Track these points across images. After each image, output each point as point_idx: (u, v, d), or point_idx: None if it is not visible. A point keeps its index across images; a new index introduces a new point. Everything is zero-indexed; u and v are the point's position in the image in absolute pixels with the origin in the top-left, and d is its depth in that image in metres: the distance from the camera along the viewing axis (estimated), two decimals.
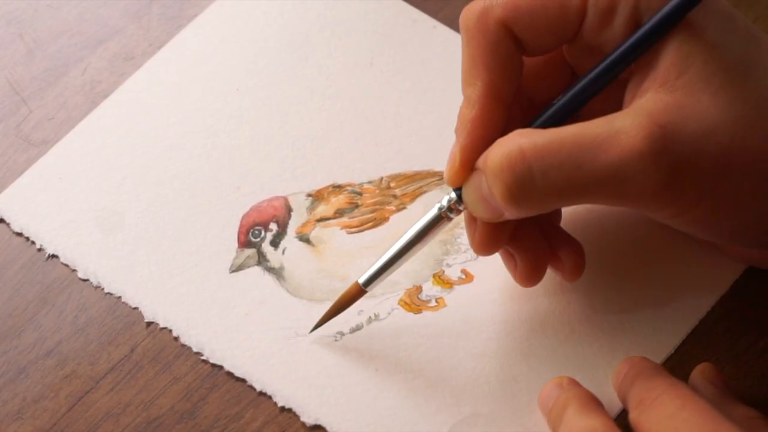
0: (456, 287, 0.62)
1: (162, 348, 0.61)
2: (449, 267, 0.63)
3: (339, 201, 0.65)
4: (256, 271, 0.63)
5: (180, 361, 0.61)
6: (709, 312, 0.61)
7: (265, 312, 0.62)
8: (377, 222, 0.64)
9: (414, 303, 0.62)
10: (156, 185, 0.66)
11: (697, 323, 0.60)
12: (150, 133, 0.67)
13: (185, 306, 0.62)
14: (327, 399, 0.59)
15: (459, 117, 0.57)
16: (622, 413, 0.58)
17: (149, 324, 0.62)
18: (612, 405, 0.58)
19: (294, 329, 0.61)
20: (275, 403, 0.59)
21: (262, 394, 0.60)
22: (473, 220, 0.58)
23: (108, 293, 0.63)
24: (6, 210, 0.65)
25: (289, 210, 0.65)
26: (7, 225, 0.65)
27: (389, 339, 0.61)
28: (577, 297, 0.61)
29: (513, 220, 0.57)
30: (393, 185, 0.65)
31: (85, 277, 0.63)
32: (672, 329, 0.60)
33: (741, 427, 0.52)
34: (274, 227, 0.64)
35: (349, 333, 0.61)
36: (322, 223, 0.64)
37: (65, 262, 0.64)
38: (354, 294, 0.60)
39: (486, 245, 0.58)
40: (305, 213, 0.65)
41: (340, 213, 0.65)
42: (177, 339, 0.61)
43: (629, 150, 0.53)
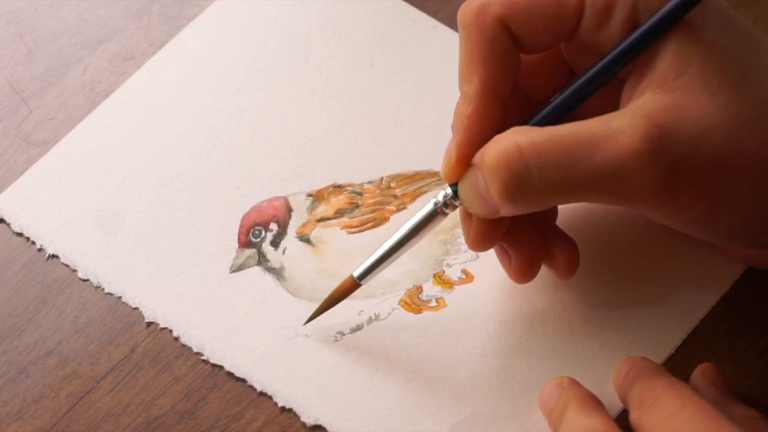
0: (456, 287, 0.62)
1: (162, 348, 0.61)
2: (449, 267, 0.63)
3: (339, 201, 0.65)
4: (256, 271, 0.63)
5: (180, 361, 0.61)
6: (709, 312, 0.61)
7: (266, 312, 0.62)
8: (377, 222, 0.64)
9: (414, 303, 0.62)
10: (156, 185, 0.66)
11: (698, 323, 0.60)
12: (150, 133, 0.67)
13: (185, 306, 0.62)
14: (327, 399, 0.59)
15: (455, 113, 0.57)
16: (622, 413, 0.58)
17: (149, 324, 0.62)
18: (612, 405, 0.58)
19: (294, 329, 0.61)
20: (275, 403, 0.59)
21: (262, 394, 0.60)
22: (469, 215, 0.58)
23: (108, 293, 0.63)
24: (6, 210, 0.65)
25: (290, 210, 0.65)
26: (8, 225, 0.65)
27: (389, 339, 0.61)
28: (578, 297, 0.61)
29: (508, 216, 0.57)
30: (393, 185, 0.65)
31: (86, 277, 0.63)
32: (672, 329, 0.60)
33: (741, 427, 0.52)
34: (274, 227, 0.64)
35: (350, 333, 0.61)
36: (322, 223, 0.64)
37: (65, 262, 0.64)
38: (348, 287, 0.60)
39: (481, 241, 0.58)
40: (305, 213, 0.65)
41: (340, 213, 0.65)
42: (177, 339, 0.61)
43: (626, 149, 0.52)
